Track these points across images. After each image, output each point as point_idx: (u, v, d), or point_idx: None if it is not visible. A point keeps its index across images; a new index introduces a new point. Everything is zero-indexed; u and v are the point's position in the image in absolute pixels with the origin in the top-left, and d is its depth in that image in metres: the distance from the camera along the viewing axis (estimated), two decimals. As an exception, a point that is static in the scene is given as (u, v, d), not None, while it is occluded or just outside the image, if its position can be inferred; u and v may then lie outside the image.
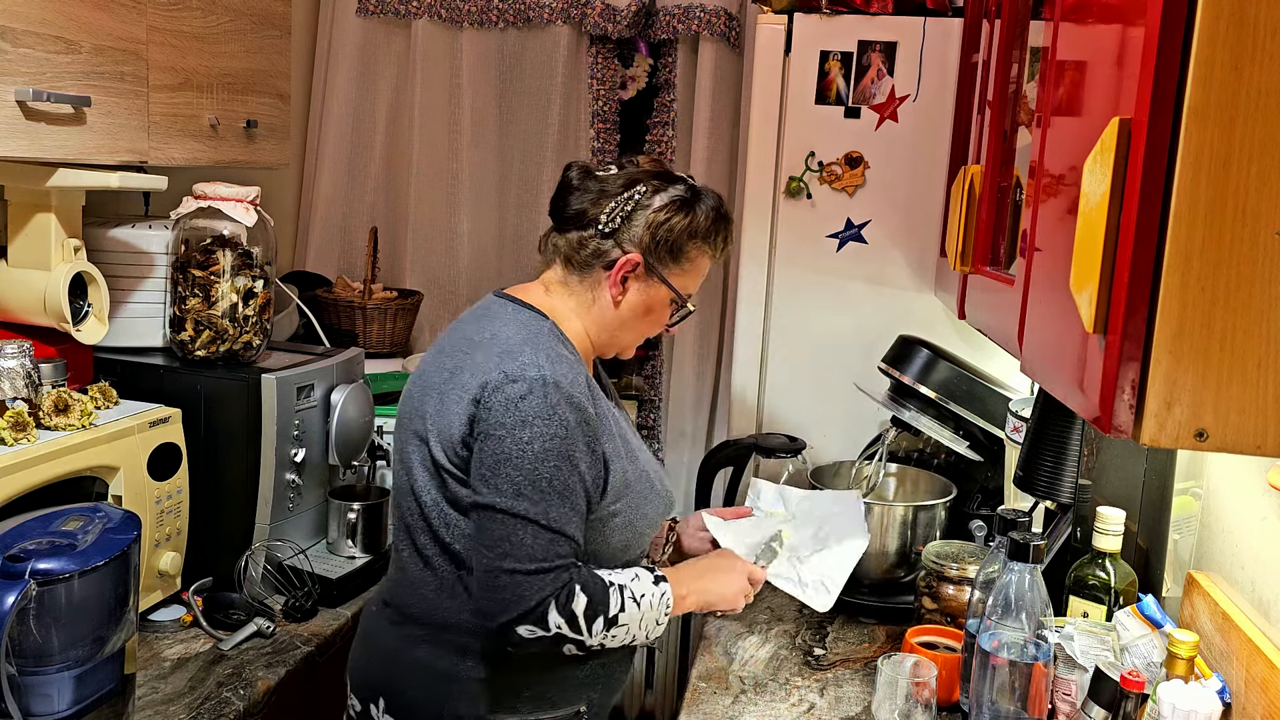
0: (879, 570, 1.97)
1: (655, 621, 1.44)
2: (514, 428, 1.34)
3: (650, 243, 1.47)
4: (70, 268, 1.76)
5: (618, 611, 1.39)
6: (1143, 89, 0.76)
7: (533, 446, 1.34)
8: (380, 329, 2.74)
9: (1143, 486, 1.69)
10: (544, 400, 1.35)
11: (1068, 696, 1.46)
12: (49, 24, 1.59)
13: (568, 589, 1.36)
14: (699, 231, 1.48)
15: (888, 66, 2.19)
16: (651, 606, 1.43)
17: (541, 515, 1.34)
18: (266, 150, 2.24)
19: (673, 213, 1.47)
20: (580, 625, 1.37)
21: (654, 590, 1.44)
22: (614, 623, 1.39)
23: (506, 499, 1.34)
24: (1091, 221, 0.83)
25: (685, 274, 1.51)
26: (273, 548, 1.91)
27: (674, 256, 1.48)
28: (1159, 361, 0.76)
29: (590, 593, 1.38)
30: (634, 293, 1.49)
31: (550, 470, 1.35)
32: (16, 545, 1.29)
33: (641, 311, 1.51)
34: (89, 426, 1.64)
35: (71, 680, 1.32)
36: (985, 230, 1.53)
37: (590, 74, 2.88)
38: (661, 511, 1.55)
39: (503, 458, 1.35)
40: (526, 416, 1.34)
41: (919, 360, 2.04)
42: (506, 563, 1.34)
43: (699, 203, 1.49)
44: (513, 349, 1.40)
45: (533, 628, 1.35)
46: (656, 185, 1.48)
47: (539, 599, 1.34)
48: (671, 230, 1.47)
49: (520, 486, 1.34)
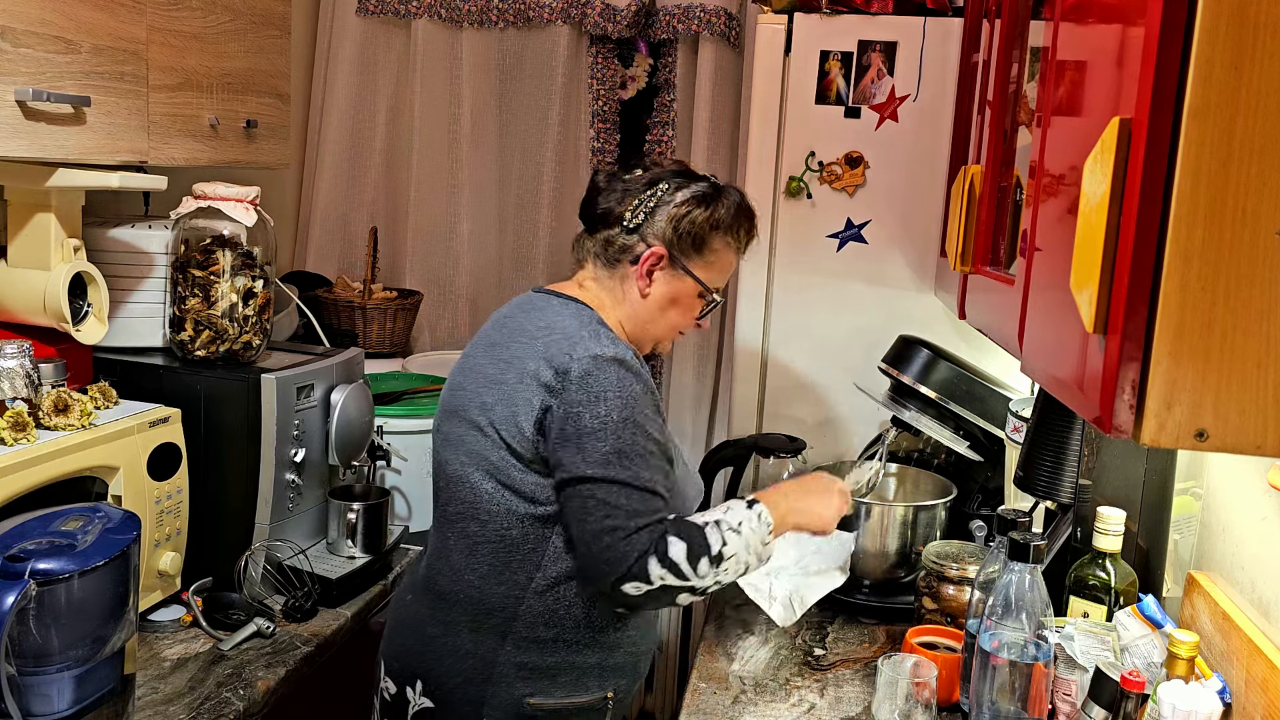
0: (879, 570, 1.97)
1: (761, 543, 1.48)
2: (590, 404, 1.43)
3: (673, 235, 1.54)
4: (70, 268, 1.76)
5: (720, 548, 1.44)
6: (1143, 89, 0.76)
7: (611, 417, 1.42)
8: (380, 329, 2.74)
9: (1143, 486, 1.68)
10: (614, 375, 1.44)
11: (1068, 696, 1.46)
12: (49, 24, 1.59)
13: (663, 540, 1.41)
14: (721, 223, 1.56)
15: (888, 66, 2.19)
16: (754, 530, 1.47)
17: (632, 477, 1.42)
18: (266, 150, 2.24)
19: (694, 206, 1.55)
20: (684, 571, 1.41)
21: (750, 515, 1.48)
22: (720, 559, 1.44)
23: (597, 468, 1.42)
24: (1091, 221, 0.83)
25: (710, 266, 1.58)
26: (273, 548, 1.91)
27: (697, 248, 1.55)
28: (1159, 361, 0.76)
29: (687, 538, 1.42)
30: (660, 285, 1.56)
31: (630, 436, 1.43)
32: (16, 545, 1.29)
33: (668, 303, 1.58)
34: (89, 426, 1.64)
35: (71, 680, 1.32)
36: (985, 230, 1.53)
37: (590, 74, 2.89)
38: (695, 496, 1.62)
39: (586, 431, 1.42)
40: (600, 392, 1.43)
41: (919, 360, 2.04)
42: (606, 523, 1.41)
43: (721, 197, 1.57)
44: (572, 334, 1.48)
45: (638, 583, 1.41)
46: (679, 182, 1.56)
47: (638, 553, 1.40)
48: (694, 223, 1.54)
49: (607, 455, 1.42)
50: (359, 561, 2.01)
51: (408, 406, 2.33)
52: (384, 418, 2.24)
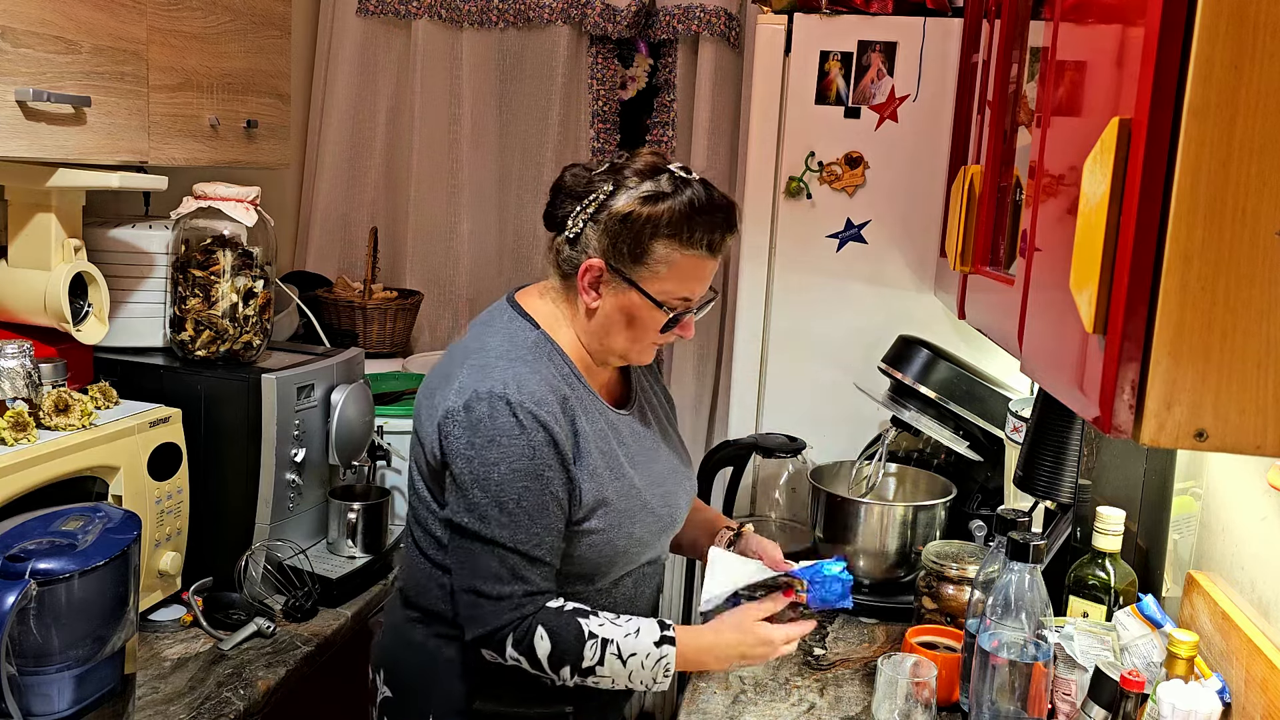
0: (879, 570, 1.97)
1: (652, 679, 1.38)
2: (482, 447, 1.33)
3: (609, 245, 1.38)
4: (70, 268, 1.76)
5: (593, 664, 1.35)
6: (1143, 89, 0.76)
7: (499, 467, 1.32)
8: (380, 329, 2.74)
9: (1143, 486, 1.69)
10: (511, 419, 1.32)
11: (1068, 696, 1.46)
12: (49, 24, 1.59)
13: (527, 625, 1.34)
14: (661, 228, 1.36)
15: (888, 66, 2.19)
16: (643, 667, 1.37)
17: (507, 539, 1.33)
18: (266, 150, 2.24)
19: (635, 208, 1.36)
20: (544, 667, 1.35)
21: (651, 651, 1.37)
22: (589, 673, 1.36)
23: (473, 520, 1.34)
24: (1091, 221, 0.83)
25: (658, 276, 1.39)
26: (273, 548, 1.91)
27: (636, 257, 1.38)
28: (1159, 361, 0.76)
29: (558, 639, 1.34)
30: (609, 298, 1.41)
31: (519, 491, 1.33)
32: (16, 545, 1.29)
33: (622, 318, 1.42)
34: (89, 426, 1.64)
35: (71, 680, 1.32)
36: (985, 230, 1.53)
37: (590, 74, 2.89)
38: (657, 531, 1.49)
39: (471, 478, 1.34)
40: (494, 435, 1.32)
41: (919, 360, 2.04)
42: (470, 583, 1.35)
43: (672, 197, 1.37)
44: (489, 364, 1.37)
45: (492, 653, 1.36)
46: (621, 181, 1.38)
47: (494, 627, 1.34)
48: (631, 229, 1.37)
49: (485, 509, 1.33)
50: (359, 561, 2.01)
51: (408, 406, 2.33)
52: (384, 418, 2.24)
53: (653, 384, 1.65)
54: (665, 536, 1.54)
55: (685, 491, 1.58)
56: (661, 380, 1.69)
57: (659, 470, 1.52)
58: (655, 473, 1.51)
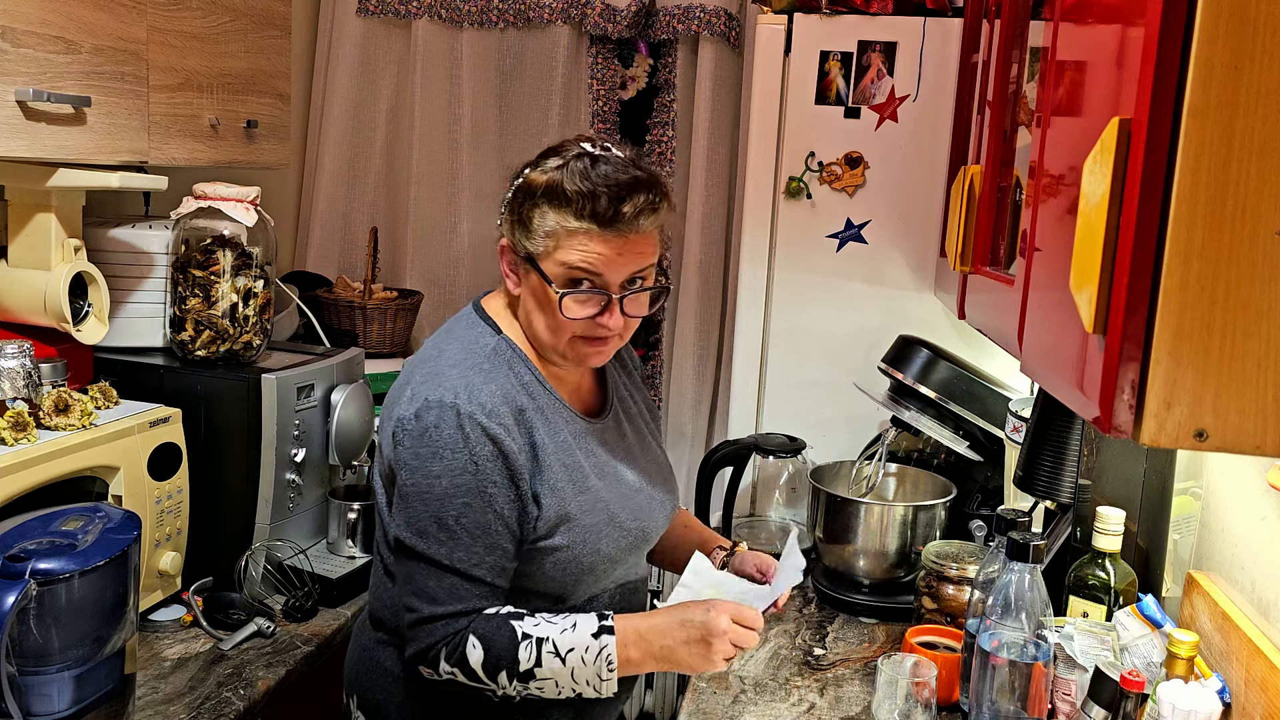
0: (879, 570, 1.97)
1: (597, 676, 1.29)
2: (426, 459, 1.28)
3: (511, 220, 1.34)
4: (70, 268, 1.76)
5: (531, 666, 1.28)
6: (1143, 89, 0.76)
7: (441, 481, 1.27)
8: (380, 329, 2.74)
9: (1143, 486, 1.69)
10: (456, 431, 1.27)
11: (1068, 696, 1.46)
12: (49, 24, 1.59)
13: (459, 637, 1.29)
14: (541, 193, 1.29)
15: (888, 66, 2.19)
16: (584, 663, 1.28)
17: (445, 556, 1.28)
18: (266, 150, 2.24)
19: (526, 176, 1.33)
20: (480, 677, 1.29)
21: (590, 644, 1.29)
22: (529, 676, 1.29)
23: (411, 535, 1.30)
24: (1091, 221, 0.83)
25: (550, 252, 1.30)
26: (273, 548, 1.91)
27: (524, 225, 1.32)
28: (1159, 361, 0.76)
29: (490, 644, 1.28)
30: (524, 282, 1.36)
31: (459, 508, 1.28)
32: (16, 545, 1.29)
33: (534, 302, 1.35)
34: (89, 426, 1.64)
35: (71, 680, 1.32)
36: (985, 230, 1.53)
37: (590, 74, 2.88)
38: (626, 547, 1.42)
39: (414, 490, 1.29)
40: (438, 448, 1.28)
41: (919, 360, 2.04)
42: (408, 600, 1.31)
43: (564, 166, 1.30)
44: (441, 372, 1.32)
45: (429, 670, 1.32)
46: (537, 161, 1.34)
47: (429, 643, 1.30)
48: (519, 198, 1.33)
49: (425, 524, 1.29)
50: (359, 561, 2.01)
51: (408, 406, 2.33)
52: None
53: (633, 392, 1.59)
54: (637, 553, 1.47)
55: (660, 505, 1.50)
56: (644, 389, 1.63)
57: (631, 482, 1.45)
58: (626, 485, 1.44)
